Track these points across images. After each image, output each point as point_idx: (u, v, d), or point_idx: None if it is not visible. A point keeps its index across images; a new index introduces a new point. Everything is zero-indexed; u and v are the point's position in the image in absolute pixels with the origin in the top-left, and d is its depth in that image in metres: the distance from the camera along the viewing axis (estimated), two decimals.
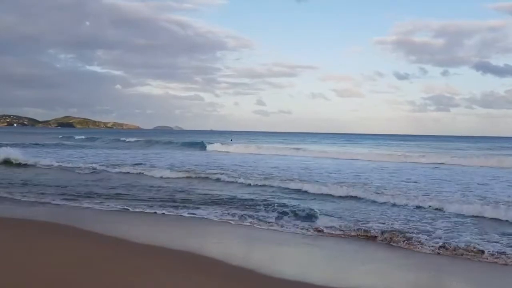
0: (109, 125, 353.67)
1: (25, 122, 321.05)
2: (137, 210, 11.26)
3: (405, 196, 13.00)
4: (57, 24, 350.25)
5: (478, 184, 16.83)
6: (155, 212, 10.98)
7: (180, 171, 19.63)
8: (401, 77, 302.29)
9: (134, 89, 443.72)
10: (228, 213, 10.83)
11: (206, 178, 17.99)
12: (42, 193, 13.54)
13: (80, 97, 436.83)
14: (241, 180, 16.87)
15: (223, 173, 18.90)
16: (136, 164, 23.39)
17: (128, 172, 19.90)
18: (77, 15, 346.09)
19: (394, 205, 12.05)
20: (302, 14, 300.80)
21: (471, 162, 28.77)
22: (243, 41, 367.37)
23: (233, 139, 78.97)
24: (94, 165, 22.13)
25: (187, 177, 18.24)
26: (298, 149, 42.18)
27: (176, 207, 11.60)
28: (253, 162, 26.96)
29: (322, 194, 13.84)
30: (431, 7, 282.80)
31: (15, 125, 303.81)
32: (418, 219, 10.26)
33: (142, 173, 19.66)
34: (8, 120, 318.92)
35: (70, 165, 22.54)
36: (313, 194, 14.01)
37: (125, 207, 11.57)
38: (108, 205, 11.84)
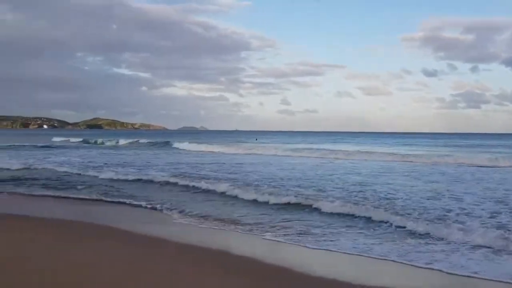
0: (136, 126, 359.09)
1: (55, 124, 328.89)
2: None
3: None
4: (85, 28, 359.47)
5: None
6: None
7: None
8: (429, 74, 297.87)
9: (159, 91, 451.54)
10: None
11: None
12: None
13: (108, 99, 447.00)
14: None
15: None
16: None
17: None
18: (105, 19, 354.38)
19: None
20: (326, 13, 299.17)
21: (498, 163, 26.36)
22: (267, 41, 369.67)
23: (257, 139, 79.24)
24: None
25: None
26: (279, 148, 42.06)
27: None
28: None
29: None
30: (459, 4, 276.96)
31: (45, 126, 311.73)
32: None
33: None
34: (39, 122, 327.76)
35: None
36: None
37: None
38: None
